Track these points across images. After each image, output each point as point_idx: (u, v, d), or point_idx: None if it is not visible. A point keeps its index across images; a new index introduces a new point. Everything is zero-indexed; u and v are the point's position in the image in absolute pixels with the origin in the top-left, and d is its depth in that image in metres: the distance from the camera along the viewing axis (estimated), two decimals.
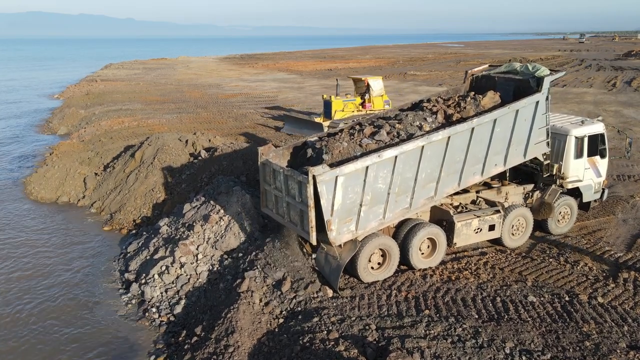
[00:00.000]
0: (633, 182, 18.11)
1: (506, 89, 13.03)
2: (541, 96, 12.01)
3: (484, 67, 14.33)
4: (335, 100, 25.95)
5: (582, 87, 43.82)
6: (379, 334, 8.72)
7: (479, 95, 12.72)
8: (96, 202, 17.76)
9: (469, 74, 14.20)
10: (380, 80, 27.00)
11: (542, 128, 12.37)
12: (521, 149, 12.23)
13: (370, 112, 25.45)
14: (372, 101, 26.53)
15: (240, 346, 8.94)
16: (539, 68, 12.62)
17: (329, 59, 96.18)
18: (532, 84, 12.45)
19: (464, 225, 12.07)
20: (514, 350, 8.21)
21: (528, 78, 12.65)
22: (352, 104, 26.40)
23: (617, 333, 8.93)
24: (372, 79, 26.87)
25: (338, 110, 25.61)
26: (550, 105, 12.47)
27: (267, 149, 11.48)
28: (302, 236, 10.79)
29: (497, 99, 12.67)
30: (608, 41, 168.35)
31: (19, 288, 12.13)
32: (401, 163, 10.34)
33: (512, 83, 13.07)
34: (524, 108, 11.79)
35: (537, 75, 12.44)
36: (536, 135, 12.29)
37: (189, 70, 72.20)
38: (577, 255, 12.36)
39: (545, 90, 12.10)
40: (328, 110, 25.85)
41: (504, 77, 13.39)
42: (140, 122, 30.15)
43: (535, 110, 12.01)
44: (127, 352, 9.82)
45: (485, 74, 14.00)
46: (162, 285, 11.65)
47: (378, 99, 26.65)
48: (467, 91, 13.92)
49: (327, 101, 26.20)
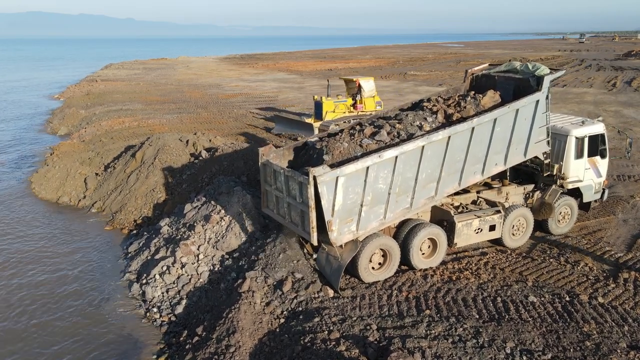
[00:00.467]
0: (633, 182, 18.13)
1: (506, 88, 13.03)
2: (541, 95, 12.01)
3: (484, 66, 14.32)
4: (326, 101, 25.51)
5: (582, 87, 43.84)
6: (380, 334, 8.73)
7: (479, 95, 12.72)
8: (97, 202, 17.78)
9: (469, 73, 14.20)
10: (371, 81, 26.48)
11: (543, 127, 12.37)
12: (521, 148, 12.23)
13: (362, 113, 25.22)
14: (364, 102, 26.01)
15: (242, 346, 8.95)
16: (539, 67, 12.61)
17: (329, 59, 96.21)
18: (532, 83, 12.44)
19: (464, 225, 12.08)
20: (514, 350, 8.23)
21: (528, 77, 12.65)
22: (344, 104, 25.92)
23: (618, 333, 8.95)
24: (364, 79, 26.36)
25: (329, 111, 25.18)
26: (550, 104, 12.48)
27: (268, 150, 11.50)
28: (303, 237, 10.81)
29: (497, 98, 12.68)
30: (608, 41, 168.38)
31: (20, 286, 12.14)
32: (402, 163, 10.36)
33: (512, 82, 13.07)
34: (524, 107, 11.79)
35: (537, 74, 12.43)
36: (536, 134, 12.28)
37: (189, 71, 72.23)
38: (578, 255, 12.38)
39: (546, 89, 12.09)
40: (319, 111, 25.43)
41: (504, 76, 13.39)
42: (140, 122, 30.18)
43: (536, 109, 12.01)
44: (128, 352, 9.83)
45: (485, 73, 13.98)
46: (163, 285, 11.67)
47: (370, 100, 26.15)
48: (467, 90, 13.92)
49: (317, 102, 25.79)
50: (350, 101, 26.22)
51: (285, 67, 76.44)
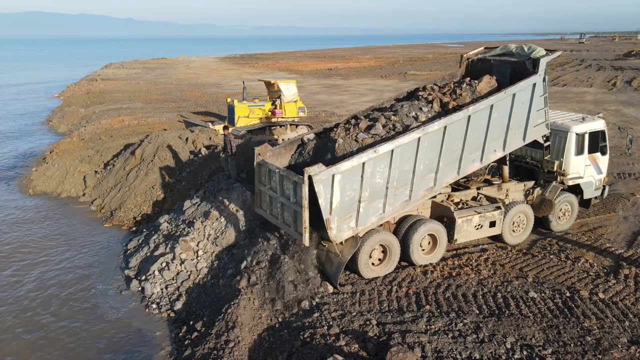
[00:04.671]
0: (634, 180, 18.10)
1: (503, 72, 12.76)
2: (538, 78, 11.74)
3: (480, 50, 13.98)
4: (239, 105, 23.44)
5: (582, 87, 43.79)
6: (379, 329, 8.70)
7: (475, 81, 12.48)
8: (96, 199, 17.74)
9: (465, 57, 13.86)
10: (293, 85, 24.11)
11: (541, 110, 12.11)
12: (520, 132, 12.01)
13: (282, 120, 23.61)
14: (284, 108, 23.81)
15: (241, 341, 8.92)
16: (535, 49, 12.30)
17: (329, 58, 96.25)
18: (528, 66, 12.17)
19: (464, 221, 12.04)
20: (515, 345, 8.20)
21: (524, 60, 12.36)
22: (260, 109, 23.74)
23: (618, 328, 8.91)
24: (284, 82, 23.99)
25: (242, 116, 23.11)
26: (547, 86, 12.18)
27: (264, 149, 11.35)
28: (295, 237, 10.67)
29: (493, 83, 12.44)
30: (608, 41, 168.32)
31: (20, 285, 12.11)
32: (398, 156, 10.22)
33: (508, 66, 12.76)
34: (521, 91, 11.54)
35: (533, 57, 12.13)
36: (535, 117, 12.04)
37: (189, 70, 72.23)
38: (578, 252, 12.33)
39: (542, 72, 11.83)
40: (232, 115, 23.44)
41: (500, 60, 13.09)
42: (140, 120, 30.16)
43: (533, 92, 11.73)
44: (127, 348, 9.78)
45: (481, 57, 13.65)
46: (162, 282, 11.63)
47: (291, 105, 23.92)
48: (462, 76, 13.65)
49: (230, 105, 23.74)
50: (269, 106, 24.16)
51: (285, 66, 76.42)
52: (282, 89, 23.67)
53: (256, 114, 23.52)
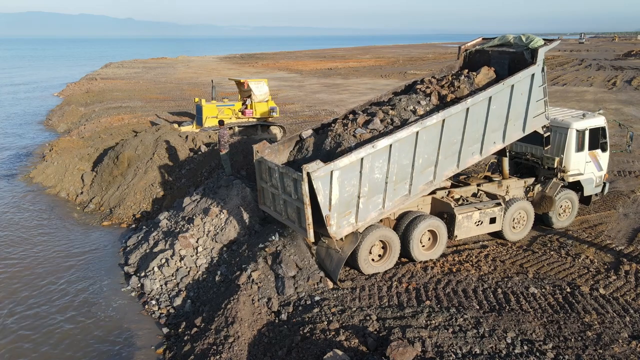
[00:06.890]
0: (634, 177, 18.07)
1: (501, 63, 12.66)
2: (536, 68, 11.64)
3: (477, 41, 13.84)
4: (207, 104, 22.61)
5: (583, 86, 43.74)
6: (379, 324, 8.67)
7: (473, 73, 12.39)
8: (95, 197, 17.70)
9: (462, 49, 13.73)
10: (264, 84, 23.40)
11: (540, 100, 12.01)
12: (520, 123, 11.93)
13: (252, 120, 23.19)
14: (254, 107, 23.16)
15: (240, 337, 8.89)
16: (533, 39, 12.18)
17: (329, 58, 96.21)
18: (526, 56, 12.07)
19: (465, 217, 12.01)
20: (515, 340, 8.17)
21: (522, 50, 12.25)
22: (230, 109, 23.01)
23: (619, 323, 8.89)
24: (255, 81, 23.25)
25: (210, 116, 22.24)
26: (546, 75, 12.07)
27: (262, 146, 11.31)
28: (300, 233, 10.67)
29: (491, 74, 12.35)
30: (608, 42, 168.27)
31: (20, 283, 12.08)
32: (396, 151, 10.16)
33: (506, 56, 12.65)
34: (520, 82, 11.45)
35: (531, 47, 12.03)
36: (534, 108, 11.94)
37: (189, 69, 72.16)
38: (579, 248, 12.31)
39: (540, 62, 11.72)
40: (199, 116, 22.65)
41: (498, 51, 12.95)
42: (140, 119, 30.07)
43: (532, 82, 11.64)
44: (127, 344, 9.75)
45: (479, 48, 13.51)
46: (161, 278, 11.60)
47: (262, 104, 23.26)
48: (460, 68, 13.57)
49: (198, 105, 22.85)
50: (239, 105, 23.55)
51: (285, 66, 76.39)
52: (252, 88, 23.09)
53: (225, 114, 22.82)
